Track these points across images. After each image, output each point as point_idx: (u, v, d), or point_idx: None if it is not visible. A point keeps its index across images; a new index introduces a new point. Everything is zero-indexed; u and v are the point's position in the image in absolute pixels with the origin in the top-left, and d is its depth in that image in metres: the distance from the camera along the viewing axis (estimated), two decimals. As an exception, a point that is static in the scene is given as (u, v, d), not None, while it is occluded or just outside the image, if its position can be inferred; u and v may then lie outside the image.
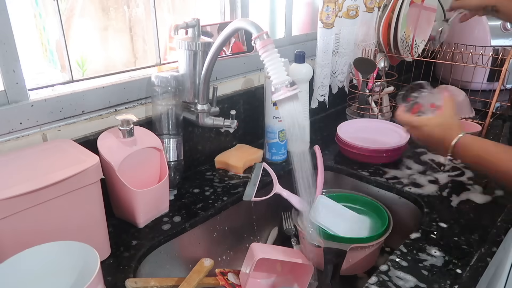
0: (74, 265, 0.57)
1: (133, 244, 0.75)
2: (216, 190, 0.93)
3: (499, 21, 1.55)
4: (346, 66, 1.36)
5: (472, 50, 1.47)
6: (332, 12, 1.18)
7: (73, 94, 0.79)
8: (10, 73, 0.71)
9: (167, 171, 0.82)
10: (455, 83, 1.47)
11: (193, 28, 0.85)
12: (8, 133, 0.72)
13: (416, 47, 1.50)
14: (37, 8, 1.61)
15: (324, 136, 1.23)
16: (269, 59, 0.67)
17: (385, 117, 1.34)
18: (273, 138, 1.03)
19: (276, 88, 0.66)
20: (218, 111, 0.94)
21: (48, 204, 0.60)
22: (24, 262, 0.55)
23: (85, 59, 1.54)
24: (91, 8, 1.59)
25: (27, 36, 1.63)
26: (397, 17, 1.35)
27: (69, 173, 0.61)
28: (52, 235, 0.62)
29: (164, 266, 0.79)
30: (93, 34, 1.59)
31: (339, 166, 1.05)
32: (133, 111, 0.88)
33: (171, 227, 0.80)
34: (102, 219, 0.70)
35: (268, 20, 1.33)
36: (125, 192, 0.75)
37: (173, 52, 1.07)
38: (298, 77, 1.04)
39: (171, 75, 0.87)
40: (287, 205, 0.91)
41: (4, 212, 0.56)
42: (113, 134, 0.77)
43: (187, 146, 0.96)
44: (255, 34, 0.67)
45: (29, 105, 0.74)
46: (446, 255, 0.72)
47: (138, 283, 0.65)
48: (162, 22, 1.00)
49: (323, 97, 1.29)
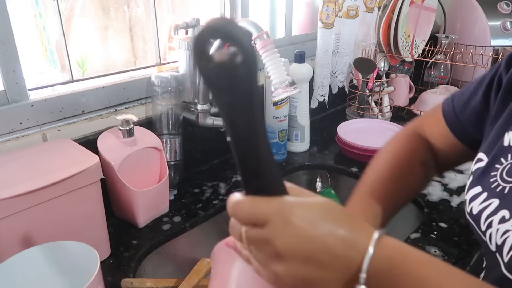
0: (74, 265, 0.57)
1: (133, 244, 0.75)
2: (216, 190, 0.93)
3: (499, 21, 1.55)
4: (346, 66, 1.36)
5: (472, 50, 1.47)
6: (332, 12, 1.18)
7: (73, 94, 0.79)
8: (10, 73, 0.71)
9: (167, 171, 0.82)
10: (455, 83, 1.47)
11: (193, 28, 0.85)
12: (8, 133, 0.72)
13: (416, 47, 1.50)
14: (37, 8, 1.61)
15: (324, 136, 1.23)
16: (269, 59, 0.67)
17: (385, 117, 1.34)
18: (273, 138, 1.03)
19: (276, 87, 0.66)
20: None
21: (48, 204, 0.60)
22: (24, 262, 0.55)
23: (85, 59, 1.54)
24: (91, 8, 1.59)
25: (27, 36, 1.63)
26: (397, 17, 1.35)
27: (69, 173, 0.61)
28: (52, 235, 0.62)
29: (164, 266, 0.79)
30: (93, 34, 1.59)
31: (339, 166, 1.05)
32: (133, 111, 0.88)
33: (171, 227, 0.80)
34: (102, 219, 0.70)
35: (268, 20, 1.33)
36: (125, 192, 0.75)
37: (173, 52, 1.07)
38: (298, 77, 1.04)
39: (171, 75, 0.87)
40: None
41: (4, 212, 0.56)
42: (113, 134, 0.77)
43: (187, 146, 0.96)
44: (255, 34, 0.67)
45: (29, 105, 0.74)
46: (446, 255, 0.72)
47: (134, 283, 0.65)
48: (162, 22, 1.00)
49: (323, 97, 1.29)
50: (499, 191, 0.45)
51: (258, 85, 0.29)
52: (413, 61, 1.58)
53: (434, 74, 1.50)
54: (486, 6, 1.57)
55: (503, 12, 1.56)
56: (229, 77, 0.27)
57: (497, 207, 0.44)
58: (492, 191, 0.45)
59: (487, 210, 0.45)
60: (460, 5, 1.65)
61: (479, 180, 0.48)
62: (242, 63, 0.26)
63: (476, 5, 1.58)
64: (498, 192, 0.45)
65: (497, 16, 1.56)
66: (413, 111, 1.37)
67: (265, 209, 0.33)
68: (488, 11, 1.56)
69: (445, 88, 1.39)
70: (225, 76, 0.27)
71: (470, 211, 0.48)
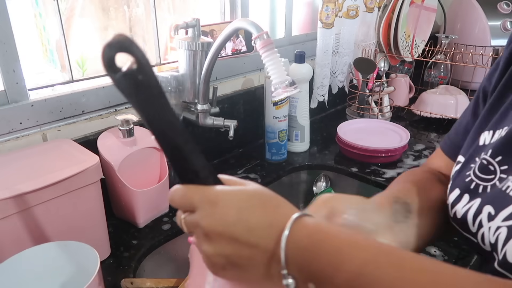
0: (74, 265, 0.58)
1: (133, 244, 0.75)
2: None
3: (499, 21, 1.55)
4: (346, 66, 1.36)
5: (472, 50, 1.47)
6: (331, 12, 1.18)
7: (73, 94, 0.79)
8: (10, 73, 0.71)
9: (167, 171, 0.82)
10: (455, 83, 1.47)
11: (193, 28, 0.85)
12: (8, 133, 0.72)
13: (416, 47, 1.50)
14: (37, 8, 1.61)
15: (324, 136, 1.23)
16: (269, 59, 0.67)
17: (385, 117, 1.34)
18: (273, 138, 1.03)
19: (276, 87, 0.66)
20: (218, 111, 0.94)
21: (48, 204, 0.60)
22: (24, 262, 0.55)
23: (85, 59, 1.54)
24: (91, 8, 1.59)
25: (27, 36, 1.62)
26: (397, 17, 1.35)
27: (69, 173, 0.61)
28: (52, 235, 0.62)
29: (164, 266, 0.79)
30: (93, 34, 1.58)
31: (339, 166, 1.05)
32: (133, 111, 0.88)
33: (171, 227, 0.80)
34: (102, 219, 0.70)
35: (268, 20, 1.33)
36: (125, 192, 0.75)
37: (173, 52, 1.07)
38: (298, 77, 1.04)
39: (171, 75, 0.87)
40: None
41: (4, 212, 0.56)
42: (113, 134, 0.77)
43: (187, 146, 0.96)
44: (255, 34, 0.67)
45: (29, 105, 0.74)
46: (446, 255, 0.72)
47: (134, 283, 0.65)
48: (162, 22, 0.99)
49: (322, 97, 1.29)
50: (473, 188, 0.45)
51: (160, 87, 0.34)
52: (413, 61, 1.59)
53: (434, 74, 1.50)
54: (486, 6, 1.57)
55: (503, 12, 1.56)
56: (132, 83, 0.33)
57: (479, 205, 0.44)
58: (472, 191, 0.45)
59: (471, 211, 0.44)
60: (460, 5, 1.66)
61: (457, 183, 0.48)
62: (139, 71, 0.32)
63: (476, 5, 1.58)
64: (473, 190, 0.45)
65: (497, 16, 1.56)
66: (413, 111, 1.37)
67: (194, 196, 0.37)
68: (488, 11, 1.56)
69: (445, 88, 1.39)
70: (129, 83, 0.33)
71: (453, 215, 0.47)
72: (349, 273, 0.32)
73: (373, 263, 0.32)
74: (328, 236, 0.35)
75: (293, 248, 0.34)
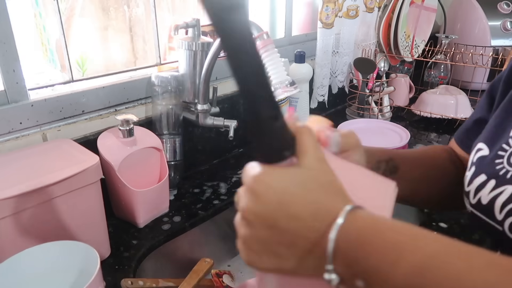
0: (74, 265, 0.58)
1: (133, 244, 0.75)
2: (216, 190, 0.93)
3: (499, 21, 1.55)
4: (346, 66, 1.36)
5: (472, 50, 1.47)
6: (331, 12, 1.18)
7: (73, 94, 0.79)
8: (10, 73, 0.71)
9: (167, 171, 0.82)
10: (455, 83, 1.47)
11: (193, 28, 0.85)
12: (8, 133, 0.72)
13: (416, 47, 1.50)
14: (37, 7, 1.60)
15: (324, 136, 1.22)
16: (269, 59, 0.67)
17: (385, 117, 1.34)
18: (273, 138, 1.03)
19: (276, 87, 0.66)
20: (218, 111, 0.94)
21: (48, 203, 0.60)
22: (24, 262, 0.55)
23: (85, 59, 1.54)
24: (91, 8, 1.59)
25: (27, 36, 1.62)
26: (397, 17, 1.35)
27: (69, 173, 0.61)
28: (52, 235, 0.62)
29: (164, 266, 0.79)
30: (93, 34, 1.58)
31: (339, 166, 1.05)
32: (133, 111, 0.88)
33: (171, 227, 0.80)
34: (102, 219, 0.70)
35: (268, 20, 1.33)
36: (125, 192, 0.75)
37: (173, 52, 1.07)
38: (298, 77, 1.04)
39: (171, 75, 0.87)
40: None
41: (4, 212, 0.56)
42: (113, 134, 0.77)
43: (187, 146, 0.96)
44: (255, 34, 0.67)
45: (29, 105, 0.74)
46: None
47: (134, 283, 0.65)
48: (162, 22, 0.99)
49: (322, 97, 1.29)
50: (509, 177, 0.43)
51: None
52: (413, 61, 1.59)
53: (434, 74, 1.50)
54: (486, 6, 1.57)
55: (503, 12, 1.56)
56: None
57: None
58: (501, 178, 0.44)
59: (500, 198, 0.42)
60: (460, 5, 1.66)
61: (483, 169, 0.46)
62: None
63: (476, 5, 1.58)
64: (508, 179, 0.43)
65: (497, 16, 1.56)
66: (413, 111, 1.37)
67: (245, 178, 0.35)
68: (488, 11, 1.56)
69: (445, 88, 1.39)
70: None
71: (477, 202, 0.45)
72: (410, 268, 0.29)
73: (443, 255, 0.29)
74: (385, 227, 0.31)
75: (343, 241, 0.30)
